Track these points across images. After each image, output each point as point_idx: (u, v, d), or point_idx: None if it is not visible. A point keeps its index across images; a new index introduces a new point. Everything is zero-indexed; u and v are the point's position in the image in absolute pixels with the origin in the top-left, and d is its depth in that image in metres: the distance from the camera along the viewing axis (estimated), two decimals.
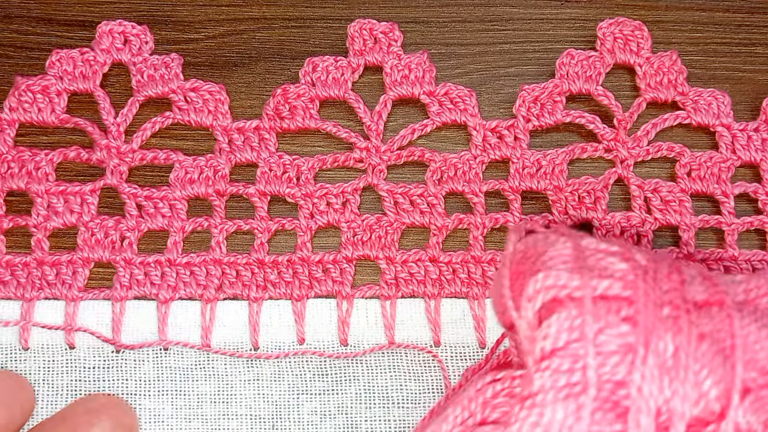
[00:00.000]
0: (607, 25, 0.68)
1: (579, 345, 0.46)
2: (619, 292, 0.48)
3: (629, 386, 0.45)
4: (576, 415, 0.45)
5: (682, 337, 0.46)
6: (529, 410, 0.46)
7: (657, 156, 0.67)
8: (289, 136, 0.67)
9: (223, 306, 0.64)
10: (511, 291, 0.50)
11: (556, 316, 0.47)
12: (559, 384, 0.46)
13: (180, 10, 0.70)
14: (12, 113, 0.65)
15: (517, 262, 0.51)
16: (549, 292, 0.48)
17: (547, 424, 0.45)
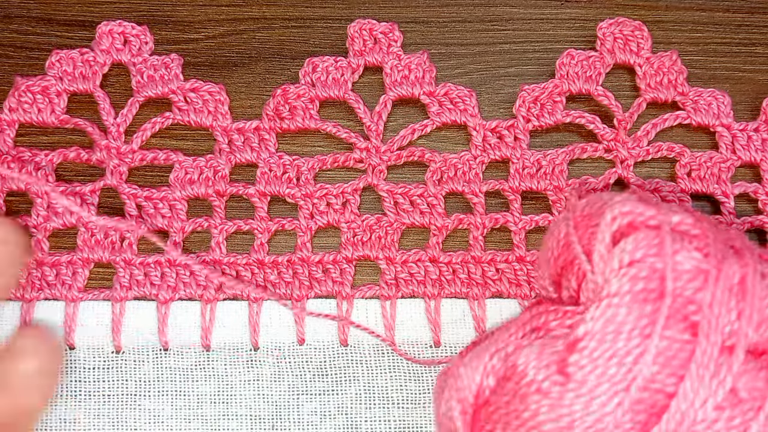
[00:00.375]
0: (607, 25, 0.68)
1: (657, 259, 0.48)
2: (689, 228, 0.50)
3: (701, 303, 0.48)
4: (651, 318, 0.47)
5: (748, 270, 0.49)
6: (604, 309, 0.48)
7: (657, 156, 0.67)
8: (289, 137, 0.67)
9: (223, 306, 0.64)
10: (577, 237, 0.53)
11: (635, 235, 0.49)
12: (637, 288, 0.48)
13: (180, 10, 0.70)
14: (12, 114, 0.65)
15: (581, 210, 0.54)
16: (626, 217, 0.50)
17: (620, 323, 0.47)
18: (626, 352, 0.47)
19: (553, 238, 0.56)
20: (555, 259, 0.55)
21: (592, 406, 0.47)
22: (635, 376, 0.47)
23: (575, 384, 0.48)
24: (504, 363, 0.51)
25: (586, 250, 0.52)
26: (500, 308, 0.64)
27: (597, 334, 0.48)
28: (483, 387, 0.51)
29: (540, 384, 0.49)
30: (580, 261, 0.52)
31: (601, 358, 0.47)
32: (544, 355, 0.50)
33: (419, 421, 0.62)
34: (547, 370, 0.49)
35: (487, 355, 0.52)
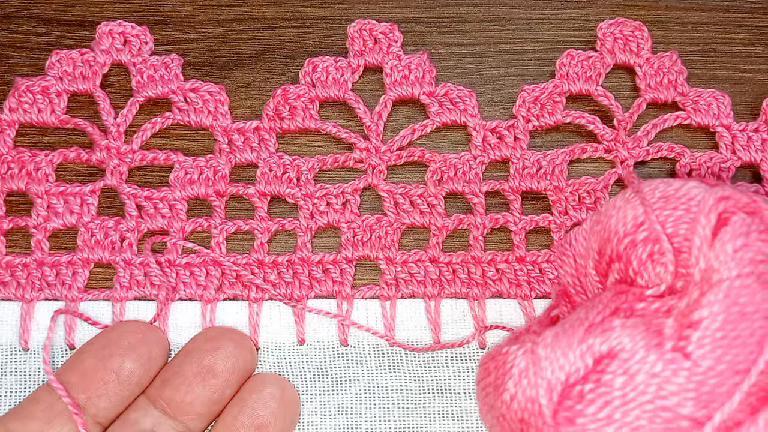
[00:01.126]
0: (607, 25, 0.68)
1: (765, 244, 0.49)
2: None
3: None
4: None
5: None
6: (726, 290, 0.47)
7: (657, 156, 0.67)
8: (289, 137, 0.67)
9: (223, 306, 0.64)
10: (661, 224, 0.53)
11: (739, 220, 0.50)
12: (759, 270, 0.48)
13: (180, 10, 0.70)
14: (12, 114, 0.65)
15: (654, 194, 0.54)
16: (728, 201, 0.51)
17: (744, 304, 0.47)
18: (750, 333, 0.47)
19: (619, 218, 0.55)
20: (620, 239, 0.54)
21: (706, 386, 0.47)
22: (756, 358, 0.47)
23: (691, 363, 0.47)
24: (604, 341, 0.50)
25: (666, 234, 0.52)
26: (500, 309, 0.64)
27: (720, 315, 0.47)
28: (578, 366, 0.49)
29: (652, 364, 0.48)
30: (660, 242, 0.52)
31: (726, 338, 0.47)
32: (651, 333, 0.49)
33: (419, 421, 0.62)
34: (659, 349, 0.48)
35: (581, 331, 0.50)
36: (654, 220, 0.52)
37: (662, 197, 0.53)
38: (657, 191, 0.54)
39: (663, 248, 0.52)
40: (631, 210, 0.54)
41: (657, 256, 0.52)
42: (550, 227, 0.65)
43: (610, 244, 0.55)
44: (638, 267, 0.53)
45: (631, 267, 0.54)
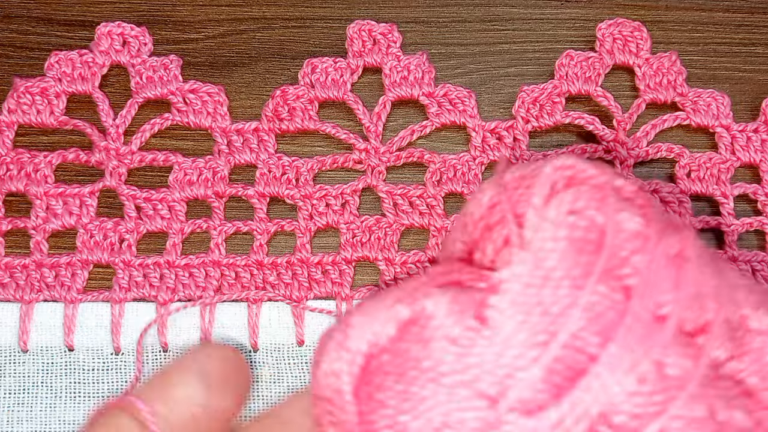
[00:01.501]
0: (606, 25, 0.68)
1: (597, 213, 0.44)
2: (632, 196, 0.46)
3: (638, 266, 0.43)
4: (584, 270, 0.43)
5: (687, 243, 0.45)
6: (535, 252, 0.43)
7: (656, 157, 0.67)
8: (288, 138, 0.67)
9: (222, 307, 0.64)
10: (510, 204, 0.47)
11: (576, 188, 0.45)
12: (574, 235, 0.43)
13: (180, 10, 0.70)
14: (11, 115, 0.65)
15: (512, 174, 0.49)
16: (567, 170, 0.46)
17: (550, 269, 0.43)
18: (553, 301, 0.42)
19: (476, 201, 0.49)
20: (475, 223, 0.49)
21: (504, 357, 0.42)
22: (558, 329, 0.42)
23: (490, 331, 0.43)
24: (411, 307, 0.45)
25: (516, 213, 0.47)
26: None
27: (524, 277, 0.43)
28: (380, 335, 0.45)
29: (450, 329, 0.43)
30: (505, 222, 0.47)
31: (525, 304, 0.42)
32: (460, 300, 0.44)
33: None
34: (461, 315, 0.43)
35: (390, 300, 0.45)
36: (504, 200, 0.47)
37: (519, 177, 0.48)
38: (516, 171, 0.48)
39: (510, 228, 0.46)
40: (487, 192, 0.49)
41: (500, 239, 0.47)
42: None
43: (467, 230, 0.50)
44: (493, 252, 0.48)
45: (487, 254, 0.48)
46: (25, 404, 0.61)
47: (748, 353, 0.45)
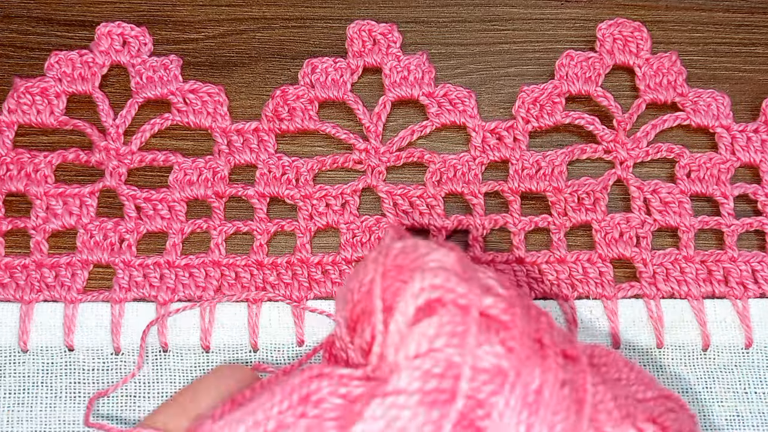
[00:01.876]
0: (606, 26, 0.68)
1: (457, 352, 0.43)
2: (499, 313, 0.45)
3: (491, 409, 0.43)
4: (436, 425, 0.42)
5: (548, 376, 0.44)
6: (385, 409, 0.42)
7: (656, 157, 0.67)
8: (288, 138, 0.67)
9: (222, 308, 0.64)
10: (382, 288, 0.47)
11: (439, 317, 0.44)
12: (427, 387, 0.42)
13: (180, 10, 0.70)
14: (11, 115, 0.66)
15: (394, 259, 0.48)
16: (435, 291, 0.45)
17: (400, 428, 0.42)
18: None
19: (357, 280, 0.49)
20: (354, 304, 0.48)
21: None
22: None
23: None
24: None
25: (388, 305, 0.46)
26: None
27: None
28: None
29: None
30: (374, 318, 0.46)
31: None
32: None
33: None
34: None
35: (243, 428, 0.44)
36: (377, 293, 0.46)
37: (398, 265, 0.47)
38: (398, 257, 0.48)
39: (375, 326, 0.46)
40: (369, 273, 0.48)
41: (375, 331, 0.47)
42: (550, 228, 0.65)
43: (347, 307, 0.49)
44: (369, 338, 0.47)
45: (364, 337, 0.48)
46: (25, 404, 0.61)
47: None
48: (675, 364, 0.63)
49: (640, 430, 0.47)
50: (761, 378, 0.63)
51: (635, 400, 0.50)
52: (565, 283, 0.64)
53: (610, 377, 0.52)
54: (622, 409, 0.47)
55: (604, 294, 0.64)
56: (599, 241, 0.65)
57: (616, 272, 0.65)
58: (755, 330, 0.63)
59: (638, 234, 0.65)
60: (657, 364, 0.63)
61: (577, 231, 0.66)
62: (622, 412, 0.47)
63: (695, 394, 0.63)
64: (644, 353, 0.63)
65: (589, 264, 0.65)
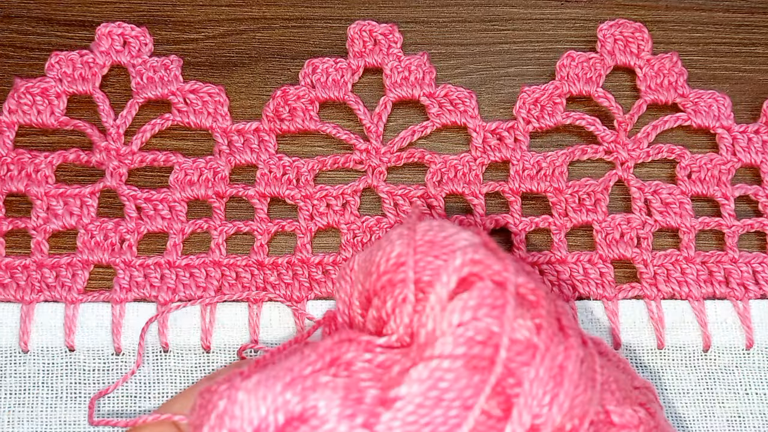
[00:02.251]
0: (607, 26, 0.68)
1: (496, 322, 0.46)
2: (528, 292, 0.48)
3: (522, 378, 0.45)
4: (476, 388, 0.45)
5: (571, 352, 0.47)
6: (430, 371, 0.45)
7: (657, 158, 0.67)
8: (289, 138, 0.67)
9: (222, 308, 0.64)
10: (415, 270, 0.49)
11: (479, 290, 0.46)
12: (472, 352, 0.45)
13: (180, 10, 0.70)
14: (11, 115, 0.65)
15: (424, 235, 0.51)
16: (476, 266, 0.48)
17: (444, 390, 0.45)
18: (443, 421, 0.44)
19: (383, 253, 0.51)
20: (379, 275, 0.50)
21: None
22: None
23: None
24: (301, 400, 0.45)
25: (417, 278, 0.48)
26: None
27: (418, 397, 0.44)
28: (268, 422, 0.45)
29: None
30: (407, 289, 0.48)
31: (416, 424, 0.44)
32: (350, 401, 0.45)
33: None
34: (352, 422, 0.44)
35: (280, 385, 0.46)
36: (410, 265, 0.49)
37: (429, 241, 0.50)
38: (428, 233, 0.50)
39: (406, 297, 0.48)
40: (397, 247, 0.50)
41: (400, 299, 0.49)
42: (550, 229, 0.65)
43: (370, 278, 0.51)
44: (391, 309, 0.50)
45: (385, 308, 0.50)
46: (26, 404, 0.61)
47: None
48: (676, 365, 0.63)
49: (636, 412, 0.50)
50: (762, 379, 0.63)
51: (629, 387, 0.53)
52: (565, 283, 0.64)
53: (610, 364, 0.55)
54: (622, 392, 0.51)
55: (605, 295, 0.64)
56: (600, 241, 0.65)
57: (616, 273, 0.65)
58: (756, 331, 0.63)
59: (639, 235, 0.65)
60: (658, 365, 0.63)
61: (578, 232, 0.66)
62: (622, 394, 0.51)
63: (696, 395, 0.63)
64: (645, 354, 0.63)
65: (589, 265, 0.65)
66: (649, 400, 0.53)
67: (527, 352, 0.46)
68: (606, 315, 0.64)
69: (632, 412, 0.50)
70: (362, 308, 0.52)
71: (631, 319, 0.64)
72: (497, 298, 0.46)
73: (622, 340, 0.63)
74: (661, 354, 0.63)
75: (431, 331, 0.46)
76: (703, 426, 0.62)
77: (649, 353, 0.63)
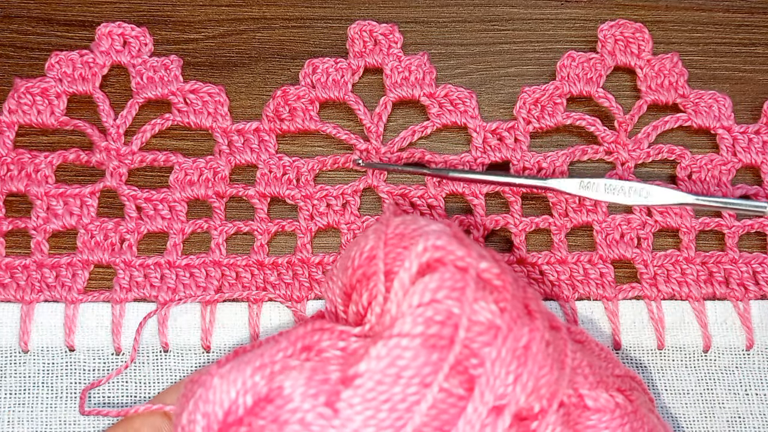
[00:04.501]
0: (608, 27, 0.68)
1: (456, 304, 0.46)
2: (493, 278, 0.49)
3: (484, 358, 0.46)
4: (434, 367, 0.46)
5: (536, 334, 0.48)
6: (389, 349, 0.46)
7: (657, 158, 0.67)
8: (289, 138, 0.67)
9: (222, 308, 0.64)
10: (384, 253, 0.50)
11: (441, 273, 0.47)
12: (429, 332, 0.46)
13: (180, 10, 0.70)
14: (11, 115, 0.65)
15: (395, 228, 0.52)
16: (438, 251, 0.48)
17: (403, 367, 0.45)
18: (401, 399, 0.45)
19: (358, 248, 0.52)
20: (354, 270, 0.52)
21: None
22: (404, 425, 0.45)
23: (340, 421, 0.45)
24: (268, 382, 0.47)
25: (388, 269, 0.50)
26: None
27: (377, 374, 0.46)
28: (237, 404, 0.47)
29: (304, 414, 0.45)
30: (378, 280, 0.50)
31: (375, 401, 0.45)
32: (314, 382, 0.47)
33: None
34: (315, 400, 0.46)
35: (249, 369, 0.47)
36: (381, 257, 0.50)
37: (400, 234, 0.51)
38: (399, 227, 0.52)
39: (377, 286, 0.50)
40: (370, 242, 0.52)
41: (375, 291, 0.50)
42: (551, 229, 0.65)
43: (347, 273, 0.53)
44: (367, 302, 0.51)
45: (361, 301, 0.52)
46: (26, 404, 0.61)
47: (584, 429, 0.49)
48: (676, 365, 0.63)
49: (612, 397, 0.51)
50: (762, 380, 0.63)
51: (607, 373, 0.54)
52: (565, 284, 0.64)
53: (587, 351, 0.55)
54: (597, 377, 0.51)
55: (605, 295, 0.64)
56: (600, 242, 0.65)
57: (616, 273, 0.65)
58: (756, 331, 0.63)
59: (639, 235, 0.65)
60: (658, 366, 0.63)
61: (578, 232, 0.66)
62: (596, 379, 0.51)
63: (696, 396, 0.63)
64: (645, 355, 0.63)
65: (590, 265, 0.65)
66: (632, 388, 0.54)
67: (489, 333, 0.47)
68: (606, 315, 0.64)
69: (608, 396, 0.50)
70: (344, 304, 0.54)
71: (631, 319, 0.64)
72: (458, 281, 0.47)
73: (622, 341, 0.63)
74: (661, 354, 0.63)
75: (394, 314, 0.47)
76: (703, 426, 0.62)
77: (649, 354, 0.63)
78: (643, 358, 0.63)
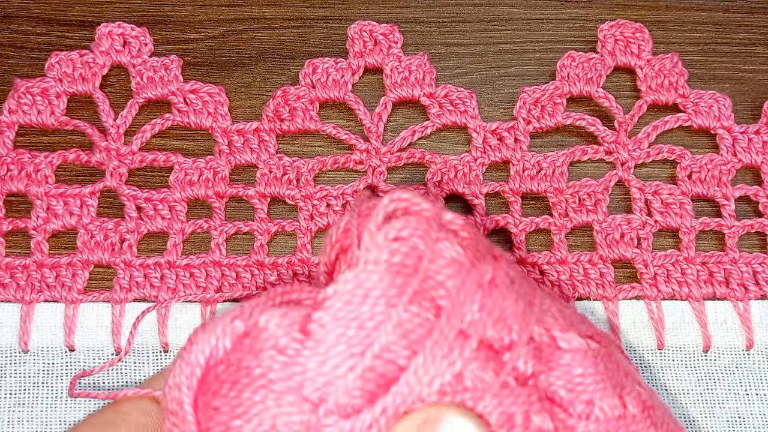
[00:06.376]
0: (608, 27, 0.68)
1: (420, 241, 0.48)
2: (459, 228, 0.50)
3: (449, 289, 0.47)
4: (399, 290, 0.47)
5: (500, 272, 0.49)
6: (357, 273, 0.47)
7: (658, 158, 0.67)
8: (289, 138, 0.67)
9: (222, 308, 0.64)
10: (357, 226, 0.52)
11: (404, 218, 0.49)
12: (394, 260, 0.47)
13: (180, 10, 0.70)
14: (11, 115, 0.65)
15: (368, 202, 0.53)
16: (402, 203, 0.50)
17: (369, 288, 0.47)
18: (369, 317, 0.47)
19: (335, 226, 0.54)
20: (332, 246, 0.54)
21: (325, 366, 0.46)
22: (372, 342, 0.47)
23: (313, 342, 0.47)
24: (246, 322, 0.48)
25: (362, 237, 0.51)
26: None
27: (345, 295, 0.47)
28: (218, 348, 0.48)
29: (278, 339, 0.47)
30: (353, 246, 0.52)
31: (344, 319, 0.47)
32: (289, 315, 0.48)
33: None
34: (289, 328, 0.47)
35: (229, 317, 0.49)
36: (355, 224, 0.52)
37: (371, 206, 0.53)
38: (372, 202, 0.54)
39: (355, 253, 0.51)
40: (345, 218, 0.54)
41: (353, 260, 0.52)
42: (551, 229, 0.65)
43: (327, 252, 0.54)
44: (338, 272, 0.54)
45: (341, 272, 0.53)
46: (26, 404, 0.61)
47: (557, 368, 0.50)
48: (676, 365, 0.63)
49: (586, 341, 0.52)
50: (762, 380, 0.63)
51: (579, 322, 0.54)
52: (565, 284, 0.64)
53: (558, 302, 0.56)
54: (568, 322, 0.52)
55: (605, 295, 0.64)
56: (600, 242, 0.65)
57: (616, 273, 0.65)
58: (756, 332, 0.63)
59: (639, 235, 0.65)
60: (658, 366, 0.63)
61: (578, 232, 0.66)
62: (567, 323, 0.52)
63: (696, 396, 0.63)
64: (645, 354, 0.63)
65: (590, 265, 0.65)
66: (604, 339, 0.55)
67: (453, 266, 0.48)
68: (606, 315, 0.64)
69: (582, 340, 0.52)
70: (327, 283, 0.54)
71: (631, 319, 0.64)
72: (422, 224, 0.49)
73: (622, 341, 0.63)
74: (661, 354, 0.63)
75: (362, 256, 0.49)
76: (703, 426, 0.62)
77: (649, 354, 0.63)
78: (643, 358, 0.63)
